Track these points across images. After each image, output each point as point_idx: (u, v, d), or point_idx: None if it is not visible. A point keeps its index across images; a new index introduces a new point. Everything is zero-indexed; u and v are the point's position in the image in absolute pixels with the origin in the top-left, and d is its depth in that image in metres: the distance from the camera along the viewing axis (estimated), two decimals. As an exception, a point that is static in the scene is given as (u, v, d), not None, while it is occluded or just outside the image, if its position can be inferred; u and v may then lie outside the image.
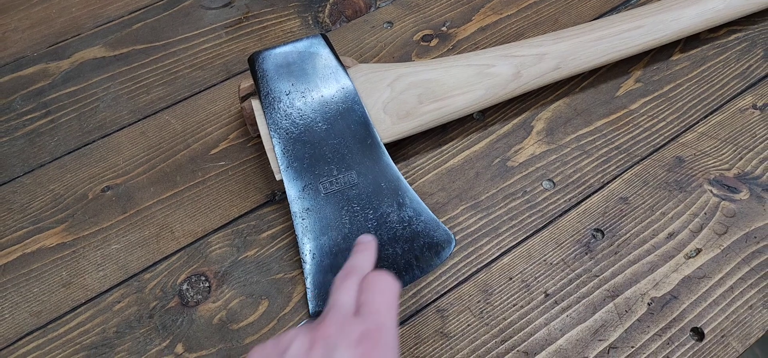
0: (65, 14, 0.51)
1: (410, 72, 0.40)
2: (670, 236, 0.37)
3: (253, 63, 0.39)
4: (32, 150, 0.43)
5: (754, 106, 0.44)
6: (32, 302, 0.36)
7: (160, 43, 0.49)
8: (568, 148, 0.42)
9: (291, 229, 0.38)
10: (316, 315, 0.34)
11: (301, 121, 0.37)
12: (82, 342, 0.34)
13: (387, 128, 0.38)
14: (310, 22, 0.50)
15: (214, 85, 0.46)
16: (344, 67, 0.39)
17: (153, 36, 0.50)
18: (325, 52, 0.39)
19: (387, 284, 0.27)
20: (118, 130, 0.44)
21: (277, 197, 0.40)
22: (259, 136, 0.42)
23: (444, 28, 0.49)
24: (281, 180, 0.36)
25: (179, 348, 0.34)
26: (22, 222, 0.39)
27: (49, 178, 0.41)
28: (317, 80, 0.38)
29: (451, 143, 0.42)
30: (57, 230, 0.39)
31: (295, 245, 0.37)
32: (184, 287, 0.36)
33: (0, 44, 0.49)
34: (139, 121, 0.44)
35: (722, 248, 0.37)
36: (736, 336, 0.34)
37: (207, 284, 0.36)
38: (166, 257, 0.37)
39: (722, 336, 0.34)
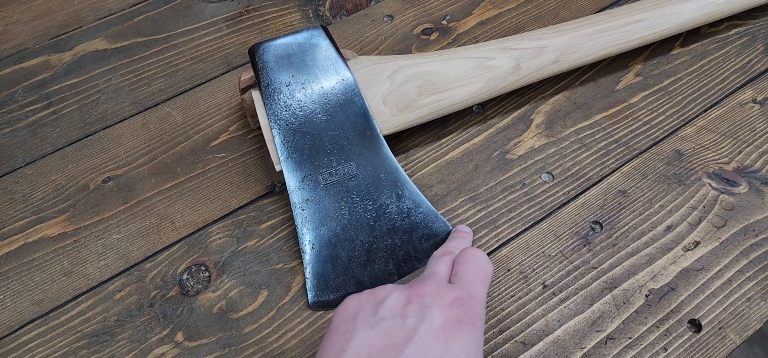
0: (67, 7, 0.52)
1: (410, 64, 0.40)
2: (669, 228, 0.37)
3: (253, 54, 0.39)
4: (34, 141, 0.43)
5: (754, 101, 0.44)
6: (34, 291, 0.36)
7: (161, 35, 0.49)
8: (568, 142, 0.42)
9: (291, 220, 0.38)
10: (315, 305, 0.35)
11: (301, 113, 0.37)
12: (83, 330, 0.34)
13: (386, 120, 0.39)
14: (311, 15, 0.50)
15: (215, 77, 0.47)
16: (344, 59, 0.39)
17: (154, 29, 0.50)
18: (325, 44, 0.39)
19: (481, 260, 0.29)
20: (119, 122, 0.44)
21: (277, 189, 0.40)
22: (259, 128, 0.42)
23: (444, 22, 0.49)
24: (281, 171, 0.36)
25: (179, 337, 0.34)
26: (24, 212, 0.39)
27: (51, 168, 0.42)
28: (317, 72, 0.39)
29: (450, 136, 0.42)
30: (59, 219, 0.39)
31: (294, 236, 0.37)
32: (185, 276, 0.36)
33: (2, 37, 0.50)
34: (140, 113, 0.45)
35: (721, 240, 0.37)
36: (734, 328, 0.34)
37: (207, 274, 0.36)
38: (166, 247, 0.37)
39: (720, 328, 0.34)
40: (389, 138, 0.40)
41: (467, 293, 0.27)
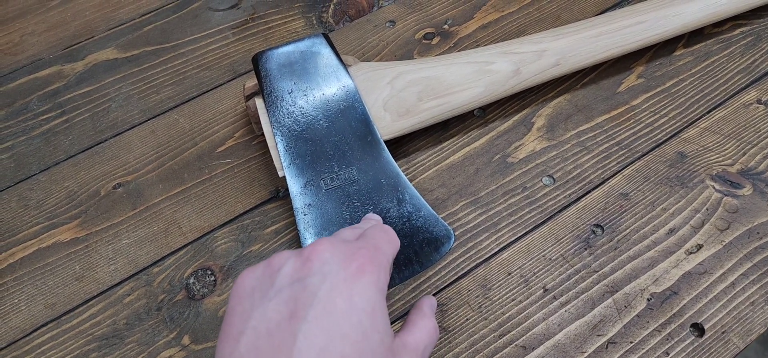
0: (80, 18, 0.53)
1: (410, 70, 0.41)
2: (671, 231, 0.37)
3: (256, 63, 0.40)
4: (48, 149, 0.44)
5: (759, 101, 0.43)
6: (47, 295, 0.37)
7: (170, 44, 0.51)
8: (569, 145, 0.42)
9: (294, 225, 0.39)
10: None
11: (303, 119, 0.38)
12: (93, 333, 0.35)
13: (387, 125, 0.39)
14: (314, 22, 0.51)
15: (221, 84, 0.48)
16: (345, 66, 0.40)
17: (163, 38, 0.51)
18: (326, 51, 0.40)
19: (389, 231, 0.28)
20: (129, 130, 0.45)
21: (280, 194, 0.41)
22: (263, 134, 0.43)
23: (446, 27, 0.50)
24: (284, 176, 0.37)
25: (186, 340, 0.35)
26: (38, 218, 0.41)
27: (64, 175, 0.43)
28: (319, 79, 0.39)
29: (451, 140, 0.43)
30: (71, 225, 0.40)
31: (297, 240, 0.38)
32: (191, 280, 0.37)
33: (18, 47, 0.51)
34: (149, 120, 0.46)
35: (724, 243, 0.36)
36: (737, 332, 0.33)
37: (213, 278, 0.37)
38: (173, 252, 0.38)
39: (723, 332, 0.33)
40: (390, 143, 0.40)
41: (371, 245, 0.25)
